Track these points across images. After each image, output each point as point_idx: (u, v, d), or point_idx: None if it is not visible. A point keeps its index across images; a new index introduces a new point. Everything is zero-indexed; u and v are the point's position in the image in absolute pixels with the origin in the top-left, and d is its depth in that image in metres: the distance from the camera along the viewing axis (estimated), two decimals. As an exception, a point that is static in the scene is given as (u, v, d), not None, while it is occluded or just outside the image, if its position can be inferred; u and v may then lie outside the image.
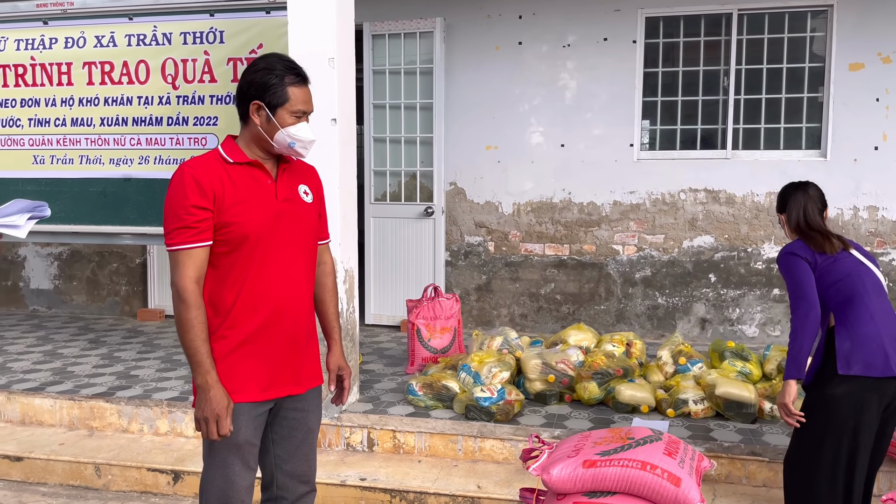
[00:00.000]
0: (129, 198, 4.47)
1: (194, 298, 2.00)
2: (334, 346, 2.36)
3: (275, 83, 2.08)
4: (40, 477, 3.75)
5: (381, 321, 6.05)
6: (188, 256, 2.00)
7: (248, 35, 4.19)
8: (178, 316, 2.01)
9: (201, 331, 2.00)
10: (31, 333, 5.82)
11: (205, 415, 2.00)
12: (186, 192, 1.99)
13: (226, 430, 2.00)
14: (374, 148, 5.99)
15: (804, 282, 2.49)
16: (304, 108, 2.12)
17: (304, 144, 2.13)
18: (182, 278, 2.00)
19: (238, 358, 2.07)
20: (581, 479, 2.12)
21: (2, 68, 4.59)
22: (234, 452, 2.10)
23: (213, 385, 1.99)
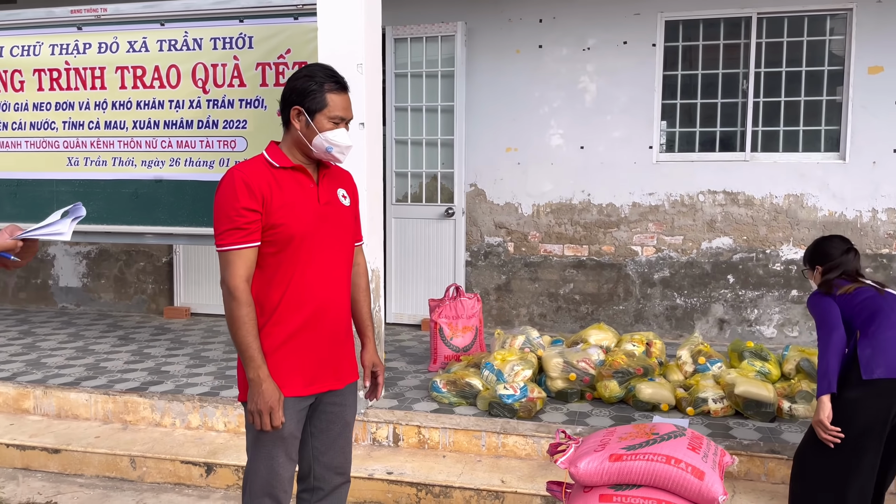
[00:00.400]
0: (160, 199, 4.59)
1: (245, 296, 2.10)
2: (368, 343, 2.46)
3: (314, 89, 2.18)
4: (77, 469, 3.88)
5: (403, 320, 6.15)
6: (239, 256, 2.11)
7: (277, 40, 4.29)
8: (229, 313, 2.11)
9: (252, 327, 2.10)
10: (62, 330, 5.98)
11: (258, 407, 2.10)
12: (237, 195, 2.09)
13: (278, 422, 2.11)
14: (395, 150, 6.09)
15: (827, 311, 2.67)
16: (342, 114, 2.21)
17: (340, 149, 2.22)
18: (233, 277, 2.10)
19: (283, 354, 2.17)
20: (607, 472, 2.20)
21: (37, 72, 4.72)
22: (279, 445, 2.20)
23: (264, 379, 2.09)
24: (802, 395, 3.78)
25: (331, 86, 2.20)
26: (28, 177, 4.81)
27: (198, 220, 4.51)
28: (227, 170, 4.38)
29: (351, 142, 2.25)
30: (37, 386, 4.38)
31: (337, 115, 2.20)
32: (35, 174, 4.80)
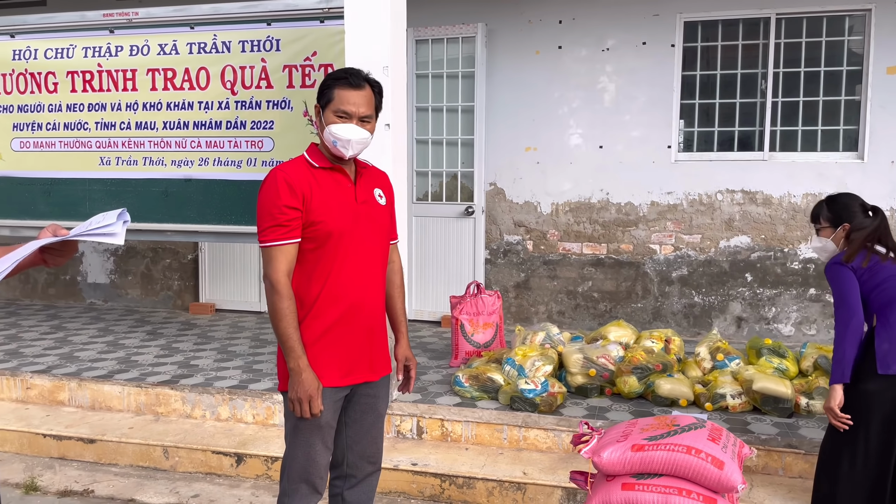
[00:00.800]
0: (190, 197, 4.71)
1: (286, 290, 2.21)
2: (402, 338, 2.55)
3: (328, 85, 2.29)
4: (111, 458, 4.02)
5: (423, 317, 6.25)
6: (280, 252, 2.21)
7: (303, 43, 4.40)
8: (271, 306, 2.22)
9: (293, 319, 2.21)
10: (92, 325, 6.13)
11: (298, 396, 2.20)
12: (279, 194, 2.20)
13: (317, 410, 2.21)
14: (416, 149, 6.19)
15: (848, 291, 2.60)
16: (346, 108, 2.24)
17: (343, 143, 2.25)
18: (275, 272, 2.21)
19: (322, 346, 2.28)
20: (630, 461, 2.29)
21: (70, 74, 4.86)
22: (317, 433, 2.31)
23: (304, 369, 2.20)
24: (820, 391, 3.84)
25: (341, 83, 2.27)
26: (61, 176, 4.95)
27: (226, 219, 4.63)
28: (254, 169, 4.56)
29: (353, 136, 2.24)
30: (71, 378, 4.52)
31: (340, 108, 2.25)
32: (68, 173, 4.93)
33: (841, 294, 2.62)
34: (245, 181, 4.57)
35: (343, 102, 2.26)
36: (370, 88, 2.31)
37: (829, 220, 2.78)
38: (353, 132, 2.26)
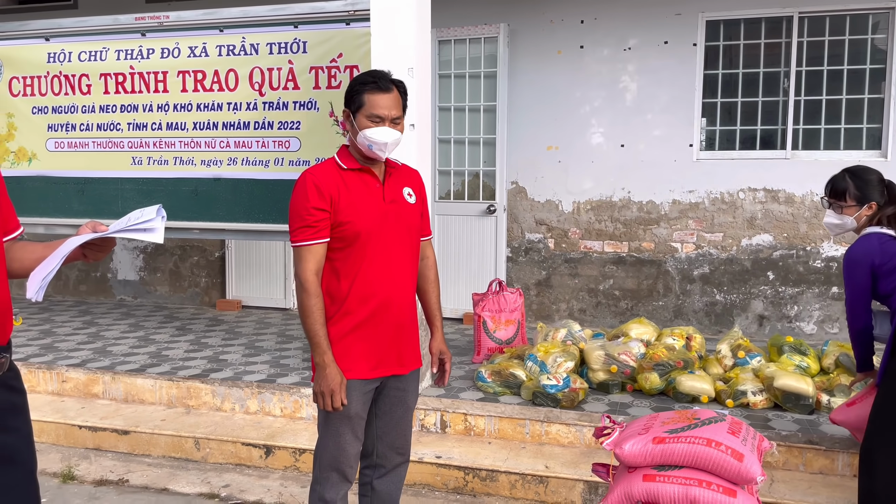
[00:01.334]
0: (219, 196, 4.83)
1: (314, 288, 2.30)
2: (436, 332, 2.63)
3: (357, 90, 2.37)
4: (145, 449, 4.14)
5: (445, 314, 6.32)
6: (309, 252, 2.31)
7: (329, 45, 4.49)
8: (300, 303, 2.32)
9: (320, 316, 2.30)
10: (123, 321, 6.29)
11: (322, 389, 2.30)
12: (308, 196, 2.29)
13: (339, 404, 2.30)
14: (438, 148, 6.27)
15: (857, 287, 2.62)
16: (378, 112, 2.32)
17: (379, 146, 2.34)
18: (304, 271, 2.30)
19: (351, 341, 2.37)
20: (651, 453, 2.34)
21: (103, 76, 5.00)
22: (346, 424, 2.39)
23: (329, 363, 2.29)
24: (841, 388, 3.86)
25: (370, 87, 2.35)
26: (95, 175, 5.09)
27: (254, 217, 4.74)
28: (281, 168, 4.67)
29: (387, 138, 2.33)
30: (105, 372, 4.66)
31: (373, 113, 2.33)
32: (101, 173, 5.07)
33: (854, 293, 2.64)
34: (272, 180, 4.68)
35: (375, 107, 2.33)
36: (397, 90, 2.39)
37: (857, 199, 2.71)
38: (387, 135, 2.34)
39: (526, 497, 3.57)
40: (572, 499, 3.51)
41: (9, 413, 1.83)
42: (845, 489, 3.34)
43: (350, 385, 2.36)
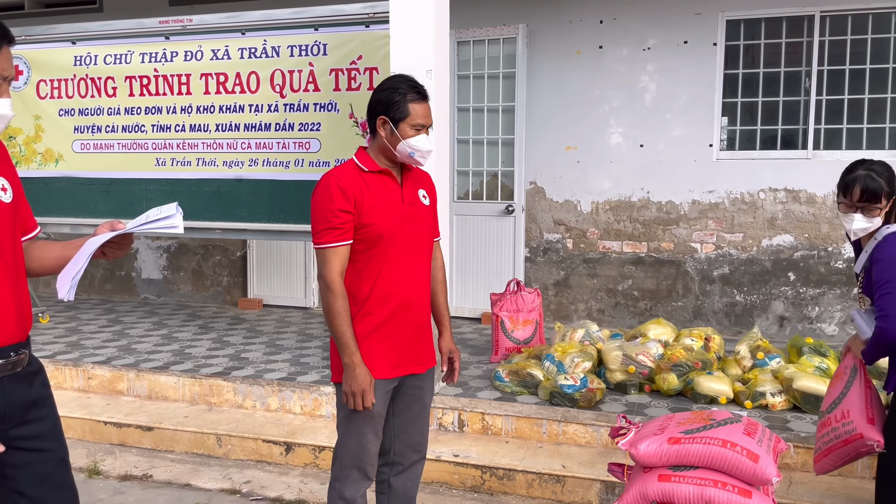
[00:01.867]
0: (240, 197, 4.90)
1: (340, 290, 2.34)
2: (445, 331, 2.67)
3: (398, 100, 2.40)
4: (168, 445, 4.22)
5: (463, 313, 6.36)
6: (334, 253, 2.35)
7: (349, 47, 4.54)
8: (326, 304, 2.35)
9: (347, 317, 2.34)
10: (147, 319, 6.40)
11: (352, 389, 2.33)
12: (333, 198, 2.32)
13: (369, 403, 2.34)
14: (457, 149, 6.30)
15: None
16: (423, 121, 2.42)
17: (422, 154, 2.43)
18: (330, 272, 2.34)
19: (373, 341, 2.40)
20: (666, 453, 2.36)
21: (128, 79, 5.09)
22: (368, 423, 2.43)
23: (358, 364, 2.33)
24: (861, 390, 3.83)
25: (413, 96, 2.41)
26: (120, 176, 5.19)
27: (274, 217, 4.80)
28: (301, 169, 4.72)
29: (431, 146, 2.45)
30: (130, 369, 4.75)
31: (418, 122, 2.41)
32: (126, 174, 5.17)
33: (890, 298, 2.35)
34: (293, 181, 4.74)
35: (420, 116, 2.40)
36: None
37: (888, 196, 2.43)
38: (429, 143, 2.43)
39: (543, 496, 3.59)
40: (589, 498, 3.53)
41: (32, 405, 1.90)
42: (864, 491, 3.33)
43: (374, 386, 2.40)
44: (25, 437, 1.88)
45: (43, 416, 1.93)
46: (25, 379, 1.89)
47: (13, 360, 1.83)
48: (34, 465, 1.89)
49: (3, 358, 1.81)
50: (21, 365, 1.86)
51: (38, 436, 1.91)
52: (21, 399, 1.87)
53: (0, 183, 1.85)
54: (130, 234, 1.88)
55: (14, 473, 1.87)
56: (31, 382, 1.91)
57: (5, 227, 1.83)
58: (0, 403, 1.81)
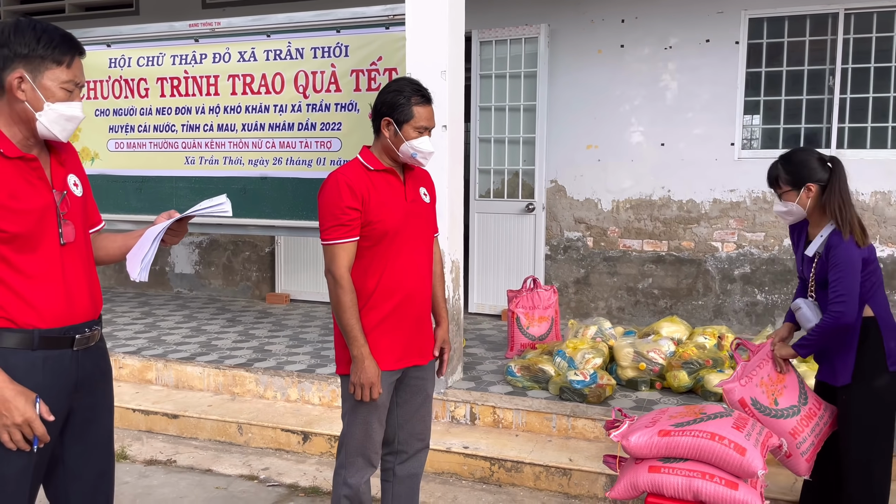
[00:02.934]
0: (265, 194, 5.05)
1: (348, 284, 2.45)
2: (442, 322, 2.75)
3: (402, 103, 2.50)
4: (192, 432, 4.40)
5: (484, 310, 6.45)
6: (342, 249, 2.45)
7: (370, 49, 4.65)
8: (335, 299, 2.46)
9: (355, 311, 2.44)
10: (178, 312, 6.63)
11: (361, 381, 2.44)
12: (342, 196, 2.42)
13: (377, 395, 2.45)
14: (479, 147, 6.39)
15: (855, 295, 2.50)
16: (426, 124, 2.52)
17: (424, 155, 2.53)
18: (338, 268, 2.45)
19: (378, 334, 2.51)
20: (656, 445, 2.42)
21: (160, 80, 5.28)
22: (374, 412, 2.54)
23: (366, 356, 2.43)
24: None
25: (417, 99, 2.50)
26: (151, 174, 5.39)
27: (298, 214, 4.94)
28: (323, 168, 4.86)
29: (433, 148, 2.56)
30: (158, 359, 4.95)
31: (421, 125, 2.50)
32: (157, 171, 5.36)
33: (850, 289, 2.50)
34: (315, 179, 4.87)
35: (423, 119, 2.50)
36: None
37: (789, 182, 2.65)
38: (431, 145, 2.53)
39: (549, 488, 3.67)
40: (595, 491, 3.59)
41: (97, 378, 2.10)
42: (870, 491, 3.33)
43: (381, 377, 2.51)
44: (86, 407, 2.08)
45: (105, 389, 2.15)
46: (97, 353, 2.10)
47: (87, 336, 2.03)
48: (88, 434, 2.09)
49: (79, 333, 2.01)
50: (94, 340, 2.07)
51: (96, 406, 2.11)
52: (91, 371, 2.07)
53: (72, 179, 2.06)
54: (185, 222, 2.09)
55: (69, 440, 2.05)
56: (101, 357, 2.13)
57: (77, 218, 2.03)
58: (74, 374, 2.01)
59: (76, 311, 1.99)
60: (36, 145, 1.97)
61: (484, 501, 3.58)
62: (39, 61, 1.90)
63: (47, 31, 1.93)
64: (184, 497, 3.66)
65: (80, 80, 1.98)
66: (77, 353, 2.01)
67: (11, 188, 1.87)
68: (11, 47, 1.89)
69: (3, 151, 1.89)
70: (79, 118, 1.98)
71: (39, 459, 1.95)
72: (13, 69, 1.89)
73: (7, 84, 1.89)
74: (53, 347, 1.95)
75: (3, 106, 1.93)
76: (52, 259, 1.94)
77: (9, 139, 1.92)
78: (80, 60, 2.00)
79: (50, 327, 1.94)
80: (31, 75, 1.90)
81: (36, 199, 1.92)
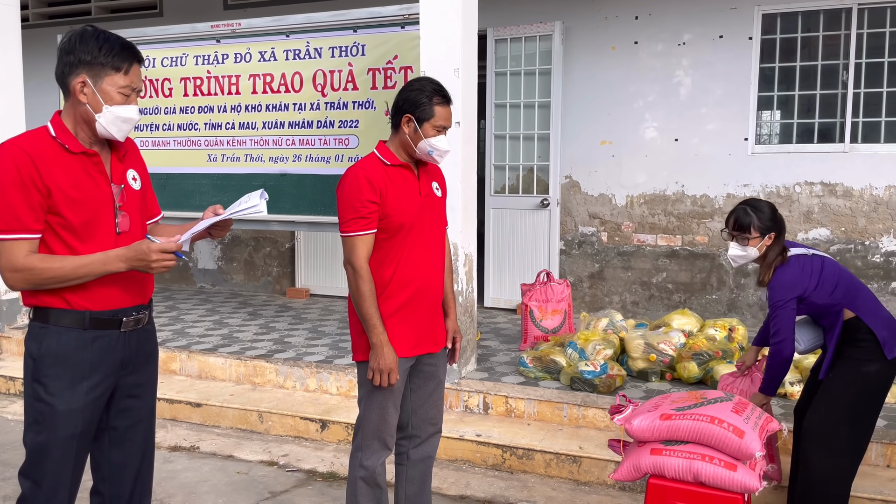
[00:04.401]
0: (285, 191, 5.18)
1: (367, 274, 2.56)
2: (451, 313, 2.85)
3: (424, 102, 2.60)
4: (215, 421, 4.55)
5: (499, 304, 6.54)
6: (362, 241, 2.57)
7: (386, 48, 4.76)
8: (354, 288, 2.57)
9: (374, 300, 2.56)
10: (201, 306, 6.80)
11: (380, 367, 2.55)
12: (362, 189, 2.53)
13: (395, 380, 2.56)
14: (495, 144, 6.48)
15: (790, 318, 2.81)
16: (445, 123, 2.61)
17: (440, 153, 2.63)
18: (357, 258, 2.56)
19: (394, 322, 2.61)
20: (658, 429, 2.51)
21: (183, 80, 5.44)
22: (389, 397, 2.65)
23: (385, 343, 2.55)
24: (881, 381, 3.87)
25: (438, 99, 2.60)
26: (175, 171, 5.55)
27: (317, 210, 5.07)
28: (341, 164, 4.99)
29: (449, 147, 2.65)
30: (182, 351, 5.12)
31: (440, 124, 2.60)
32: (180, 169, 5.53)
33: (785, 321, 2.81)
34: (333, 175, 5.00)
35: (443, 119, 2.60)
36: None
37: (760, 230, 2.88)
38: (447, 143, 2.63)
39: (560, 475, 3.76)
40: (604, 478, 3.68)
41: (144, 358, 2.29)
42: (875, 479, 3.39)
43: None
44: (132, 384, 2.26)
45: (150, 370, 2.33)
46: (144, 335, 2.27)
47: (135, 318, 2.21)
48: (132, 409, 2.27)
49: (126, 316, 2.18)
50: (142, 323, 2.25)
51: (141, 384, 2.29)
52: (138, 351, 2.25)
53: (131, 174, 2.25)
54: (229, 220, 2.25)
55: (114, 414, 2.24)
56: (148, 339, 2.31)
57: (134, 209, 2.21)
58: (121, 353, 2.20)
59: (126, 296, 2.18)
60: (97, 142, 2.16)
61: (496, 487, 3.69)
62: (100, 68, 2.08)
63: (109, 41, 2.11)
64: (206, 481, 3.80)
65: (136, 85, 2.15)
66: (124, 334, 2.19)
67: (74, 180, 2.07)
68: (76, 54, 2.08)
69: (68, 147, 2.09)
70: (134, 120, 2.15)
71: (85, 428, 2.14)
72: (77, 74, 2.08)
73: (71, 88, 2.09)
74: (103, 328, 2.14)
75: (69, 107, 2.13)
76: (107, 246, 2.11)
77: (73, 136, 2.11)
78: (139, 67, 2.17)
79: (100, 310, 2.13)
80: (92, 80, 2.08)
81: (95, 191, 2.12)
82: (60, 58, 2.10)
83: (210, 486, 3.74)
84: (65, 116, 2.14)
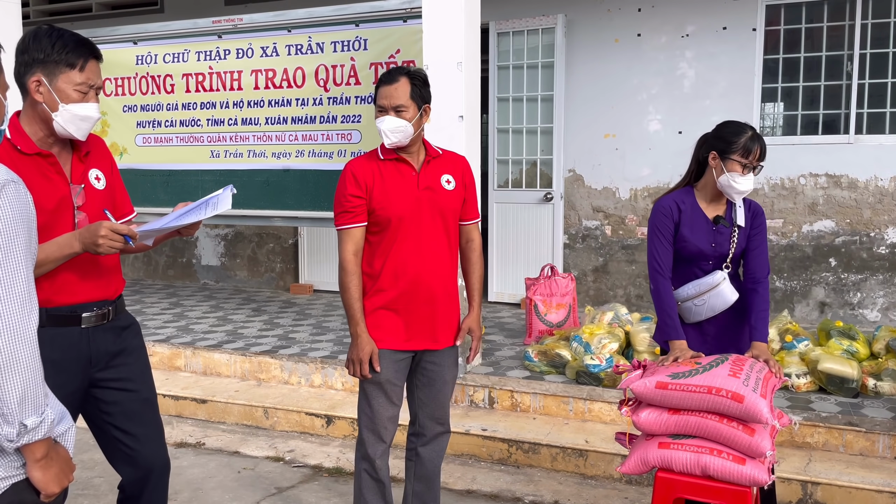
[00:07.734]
0: (287, 186, 5.18)
1: (352, 267, 2.58)
2: (472, 310, 2.81)
3: (374, 86, 2.60)
4: (220, 417, 4.55)
5: (503, 299, 6.53)
6: (348, 234, 2.58)
7: (388, 42, 4.74)
8: (339, 280, 2.61)
9: (356, 291, 2.58)
10: (205, 302, 6.80)
11: (353, 357, 2.59)
12: (346, 184, 2.57)
13: (367, 371, 2.56)
14: (498, 138, 6.46)
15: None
16: (381, 103, 2.55)
17: (385, 134, 2.54)
18: (344, 251, 2.58)
19: (384, 314, 2.61)
20: (665, 423, 2.48)
21: (185, 76, 5.42)
22: (378, 389, 2.65)
23: (361, 334, 2.57)
24: (889, 372, 3.86)
25: (380, 82, 2.59)
26: (178, 168, 5.54)
27: (319, 205, 5.06)
28: (343, 160, 4.99)
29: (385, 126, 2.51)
30: (187, 347, 5.12)
31: (378, 104, 2.58)
32: (183, 165, 5.52)
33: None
34: (336, 171, 4.97)
35: (379, 98, 2.57)
36: (407, 80, 2.56)
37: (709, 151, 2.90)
38: (386, 123, 2.54)
39: (566, 469, 3.76)
40: (610, 472, 3.67)
41: (118, 353, 2.27)
42: (883, 471, 3.38)
43: (382, 354, 2.61)
44: (112, 378, 2.26)
45: (129, 363, 2.31)
46: (112, 331, 2.25)
47: (98, 314, 2.20)
48: (122, 402, 2.27)
49: (88, 311, 2.18)
50: (107, 318, 2.24)
51: (124, 378, 2.28)
52: (106, 348, 2.24)
53: (94, 173, 2.24)
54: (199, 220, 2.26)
55: (108, 409, 2.27)
56: (119, 334, 2.29)
57: (97, 209, 2.20)
58: (86, 350, 2.19)
59: (84, 289, 2.17)
60: (57, 143, 2.15)
61: (502, 482, 3.68)
62: (54, 65, 2.07)
63: (62, 38, 2.09)
64: (212, 477, 3.80)
65: (94, 82, 2.12)
66: (87, 330, 2.18)
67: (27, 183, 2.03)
68: (30, 53, 2.07)
69: (21, 148, 2.09)
70: (93, 118, 2.13)
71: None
72: (32, 73, 2.07)
73: (27, 87, 2.08)
74: (61, 325, 2.13)
75: (28, 107, 2.12)
76: None
77: (29, 137, 2.10)
78: (96, 63, 2.14)
79: (57, 306, 2.12)
80: (47, 79, 2.07)
81: (51, 192, 2.10)
82: (16, 58, 2.09)
83: (216, 481, 3.74)
84: (23, 118, 2.12)
